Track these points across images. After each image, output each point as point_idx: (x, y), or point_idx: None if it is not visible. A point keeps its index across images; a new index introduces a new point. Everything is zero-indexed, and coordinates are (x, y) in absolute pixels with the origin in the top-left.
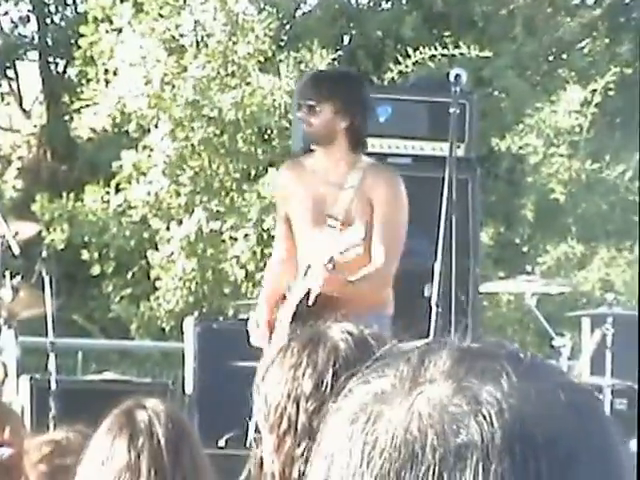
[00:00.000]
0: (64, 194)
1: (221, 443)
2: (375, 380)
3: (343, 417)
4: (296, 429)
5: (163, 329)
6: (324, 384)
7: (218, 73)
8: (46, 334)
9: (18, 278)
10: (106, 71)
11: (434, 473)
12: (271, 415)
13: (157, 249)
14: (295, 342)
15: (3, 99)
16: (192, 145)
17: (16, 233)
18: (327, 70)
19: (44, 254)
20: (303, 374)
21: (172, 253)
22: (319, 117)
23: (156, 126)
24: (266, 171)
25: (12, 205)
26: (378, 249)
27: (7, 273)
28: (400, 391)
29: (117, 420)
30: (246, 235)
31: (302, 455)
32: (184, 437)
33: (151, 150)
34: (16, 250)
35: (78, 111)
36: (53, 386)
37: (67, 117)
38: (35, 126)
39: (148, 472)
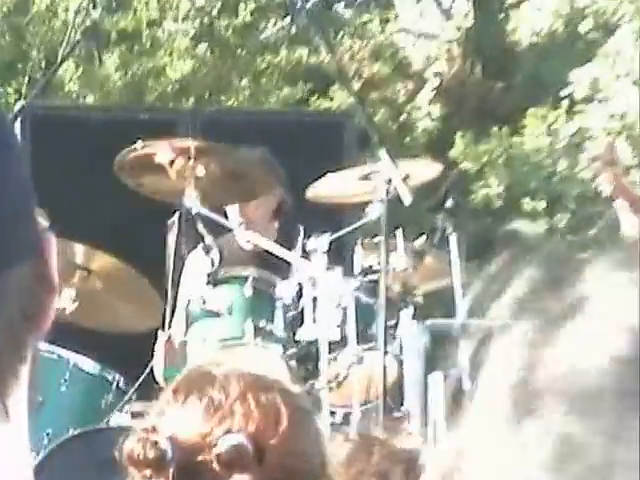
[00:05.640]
0: (495, 128)
1: None
2: None
3: None
4: None
5: None
6: None
7: None
8: None
9: (421, 239)
10: None
11: None
12: None
13: None
14: None
15: None
16: None
17: (406, 177)
18: None
19: (449, 203)
20: None
21: None
22: None
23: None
24: None
25: (427, 140)
26: None
27: (399, 231)
28: None
29: None
30: None
31: None
32: None
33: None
34: (407, 199)
35: (517, 6)
36: None
37: (501, 15)
38: (458, 29)
39: None
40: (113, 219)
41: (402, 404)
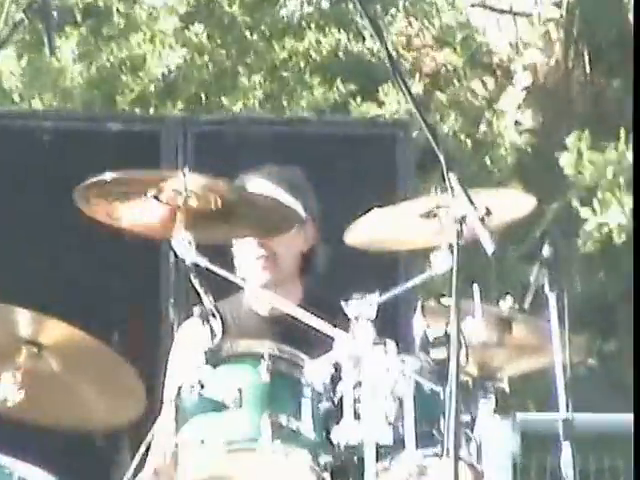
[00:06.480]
0: (611, 142)
1: None
2: None
3: None
4: None
5: None
6: None
7: None
8: None
9: (507, 300)
10: None
11: None
12: None
13: None
14: None
15: None
16: None
17: (487, 213)
18: None
19: (546, 250)
20: None
21: None
22: None
23: None
24: None
25: (516, 160)
26: None
27: (475, 290)
28: None
29: None
30: None
31: None
32: None
33: None
34: (488, 245)
35: None
36: None
37: None
38: (558, 4)
39: None
40: (73, 270)
41: None
